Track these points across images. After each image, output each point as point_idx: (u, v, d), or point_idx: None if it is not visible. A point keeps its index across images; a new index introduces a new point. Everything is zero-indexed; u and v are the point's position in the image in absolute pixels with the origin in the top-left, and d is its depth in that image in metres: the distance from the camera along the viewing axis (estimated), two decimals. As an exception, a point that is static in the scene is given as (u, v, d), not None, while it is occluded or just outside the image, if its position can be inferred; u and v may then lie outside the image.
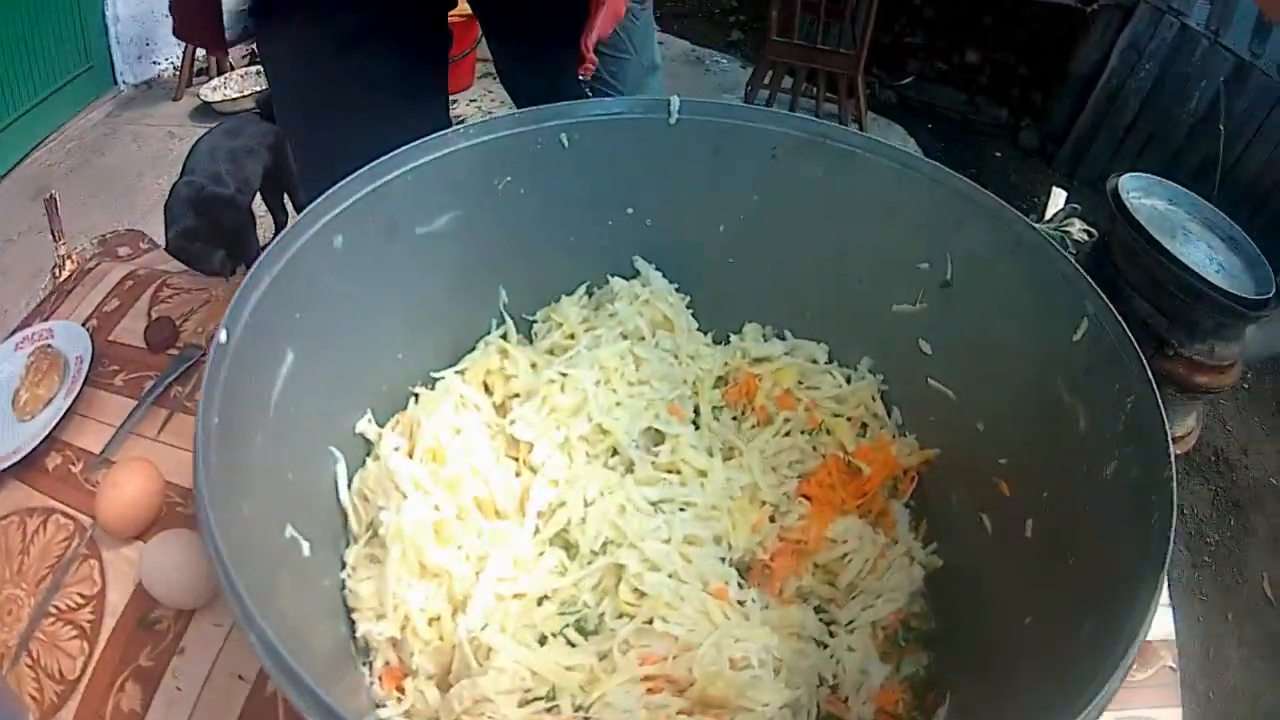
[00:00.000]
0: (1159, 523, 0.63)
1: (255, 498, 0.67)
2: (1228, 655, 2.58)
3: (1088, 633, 0.63)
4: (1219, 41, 3.75)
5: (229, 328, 0.67)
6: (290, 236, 0.74)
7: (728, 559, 0.88)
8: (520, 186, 0.92)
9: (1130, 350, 0.73)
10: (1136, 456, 0.69)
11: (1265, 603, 2.76)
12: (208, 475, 0.59)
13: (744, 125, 0.94)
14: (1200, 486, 3.05)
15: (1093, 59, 4.11)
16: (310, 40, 1.14)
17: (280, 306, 0.73)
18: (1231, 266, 2.23)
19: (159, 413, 1.12)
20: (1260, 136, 3.85)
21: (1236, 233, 2.30)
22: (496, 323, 1.01)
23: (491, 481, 0.86)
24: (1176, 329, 2.19)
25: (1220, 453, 3.20)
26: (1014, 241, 0.84)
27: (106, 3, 4.04)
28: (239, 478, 0.65)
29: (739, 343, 1.05)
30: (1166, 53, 3.86)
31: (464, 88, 4.36)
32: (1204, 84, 3.83)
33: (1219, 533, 2.93)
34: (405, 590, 0.77)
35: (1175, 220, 2.31)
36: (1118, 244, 2.29)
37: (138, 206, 3.42)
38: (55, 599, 0.94)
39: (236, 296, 0.69)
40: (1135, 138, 4.12)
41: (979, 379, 0.91)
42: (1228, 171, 3.63)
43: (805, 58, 3.73)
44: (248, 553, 0.61)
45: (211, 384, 0.64)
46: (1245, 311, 2.11)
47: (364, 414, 0.88)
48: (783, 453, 0.97)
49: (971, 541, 0.87)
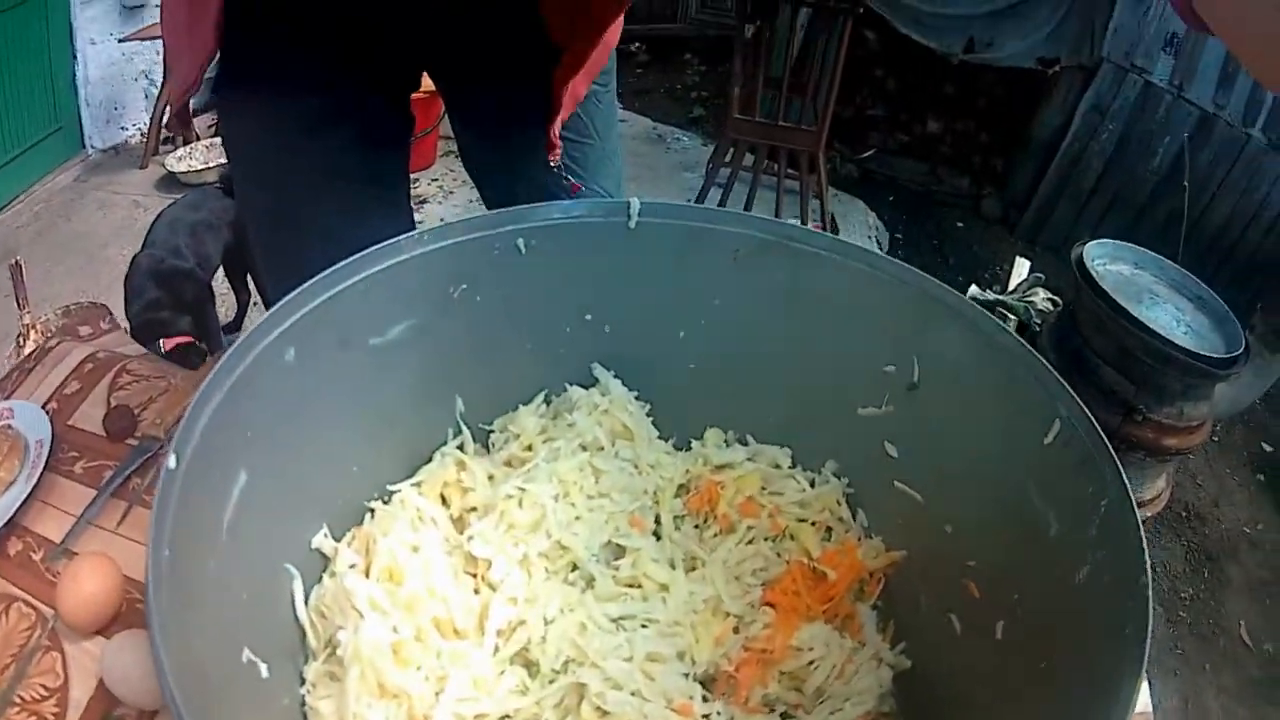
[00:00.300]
0: (1134, 631, 0.62)
1: (210, 628, 0.65)
2: (1207, 705, 2.60)
3: None
4: (1183, 96, 3.82)
5: (178, 452, 0.65)
6: (240, 352, 0.72)
7: (691, 674, 0.86)
8: (476, 294, 0.91)
9: (1104, 452, 0.72)
10: (1110, 562, 0.68)
11: (1243, 649, 2.79)
12: (159, 613, 0.56)
13: (705, 227, 0.93)
14: (1172, 543, 3.08)
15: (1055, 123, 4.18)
16: (271, 120, 1.12)
17: (232, 425, 0.71)
18: (1200, 326, 2.24)
19: (118, 504, 1.10)
20: (1224, 188, 3.92)
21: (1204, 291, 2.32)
22: (453, 433, 0.99)
23: (450, 600, 0.83)
24: (1144, 394, 2.20)
25: (1191, 507, 3.23)
26: (984, 343, 0.84)
27: (77, 63, 4.04)
28: (192, 610, 0.63)
29: (700, 449, 1.04)
30: (1130, 111, 3.93)
31: (425, 166, 4.39)
32: (1168, 140, 3.90)
33: (1193, 587, 2.95)
34: (365, 710, 0.75)
35: (1141, 284, 2.33)
36: (1084, 313, 2.30)
37: (102, 277, 3.40)
38: (19, 689, 0.92)
39: (186, 418, 0.67)
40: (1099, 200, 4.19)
41: (947, 481, 0.90)
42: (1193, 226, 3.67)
43: (767, 135, 3.75)
44: (204, 689, 0.59)
45: (161, 512, 0.62)
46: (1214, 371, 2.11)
47: (320, 528, 0.86)
48: (746, 561, 0.95)
49: (940, 642, 0.86)
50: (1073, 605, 0.71)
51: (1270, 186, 3.86)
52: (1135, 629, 0.62)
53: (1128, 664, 0.60)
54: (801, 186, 3.82)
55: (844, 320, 0.93)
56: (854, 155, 4.83)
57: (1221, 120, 3.80)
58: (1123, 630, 0.63)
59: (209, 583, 0.67)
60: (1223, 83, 3.80)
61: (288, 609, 0.81)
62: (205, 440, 0.67)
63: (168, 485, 0.63)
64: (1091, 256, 2.31)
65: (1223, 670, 2.70)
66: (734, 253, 0.93)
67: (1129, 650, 0.61)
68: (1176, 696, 2.59)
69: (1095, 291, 2.20)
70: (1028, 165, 4.40)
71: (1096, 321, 2.23)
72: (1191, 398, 2.22)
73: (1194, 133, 3.82)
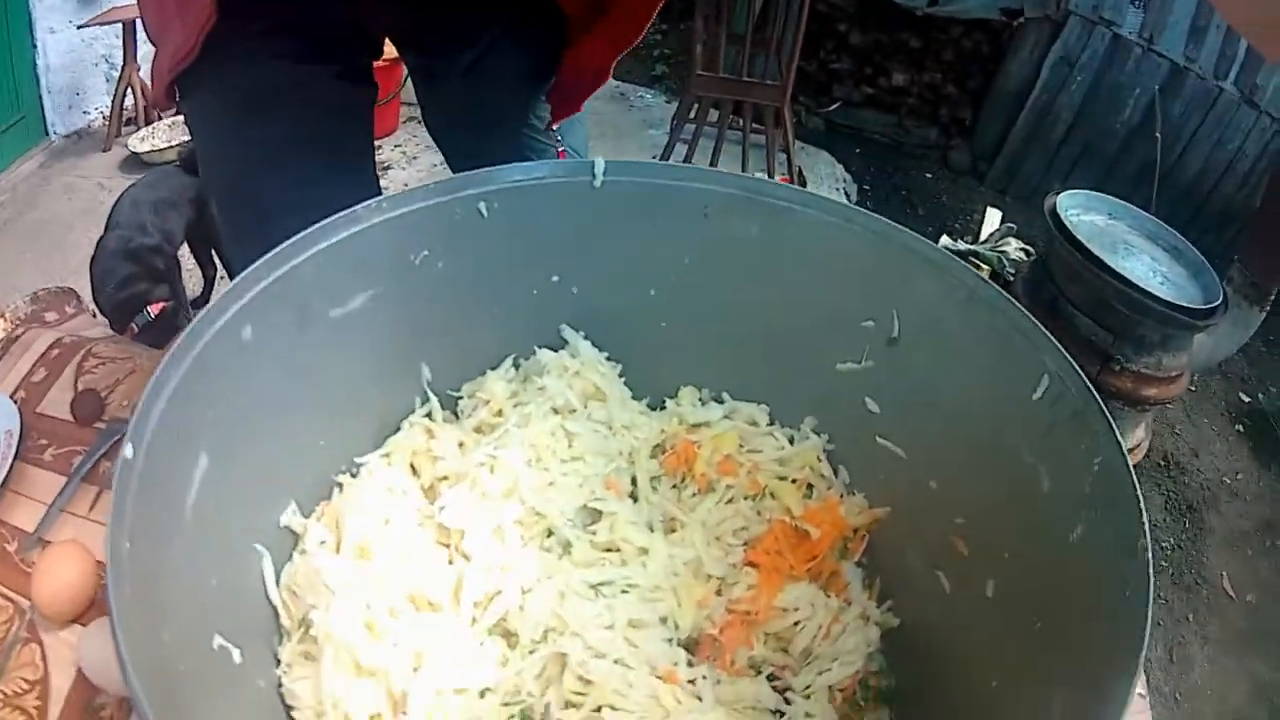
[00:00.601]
0: (1134, 597, 0.60)
1: (177, 617, 0.63)
2: (1192, 655, 2.63)
3: (1060, 711, 0.61)
4: (1152, 48, 3.82)
5: (134, 441, 0.62)
6: (194, 334, 0.70)
7: (674, 639, 0.85)
8: (439, 260, 0.88)
9: (1095, 409, 0.71)
10: (1106, 521, 0.67)
11: (1226, 599, 2.82)
12: (121, 610, 0.54)
13: (672, 184, 0.91)
14: (1152, 492, 3.10)
15: (1023, 75, 4.19)
16: (234, 93, 1.10)
17: (189, 409, 0.68)
18: (1176, 277, 2.25)
19: (89, 490, 1.09)
20: (1196, 141, 3.94)
21: (1180, 242, 2.33)
22: (421, 401, 0.96)
23: (423, 573, 0.82)
24: (1122, 344, 2.21)
25: (1170, 457, 3.26)
26: (965, 296, 0.82)
27: (37, 52, 4.01)
28: (158, 601, 0.61)
29: (675, 408, 1.02)
30: (1099, 64, 3.93)
31: (389, 132, 4.37)
32: (1137, 92, 3.91)
33: (1174, 536, 2.98)
34: (342, 690, 0.73)
35: (1116, 235, 2.33)
36: (1058, 263, 2.30)
37: (70, 261, 3.38)
38: (1, 683, 0.91)
39: (141, 405, 0.64)
40: (1069, 151, 4.20)
41: (931, 437, 0.89)
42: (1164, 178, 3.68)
43: (731, 90, 3.73)
44: (172, 680, 0.58)
45: (120, 504, 0.59)
46: (1193, 322, 2.12)
47: (288, 505, 0.84)
48: (726, 521, 0.94)
49: (929, 599, 0.85)
50: (1067, 565, 0.70)
51: (1243, 140, 3.87)
52: (1135, 594, 0.60)
53: (1129, 629, 0.59)
54: (767, 141, 3.81)
55: (819, 274, 0.92)
56: (819, 109, 4.82)
57: (1192, 73, 3.80)
58: (1123, 593, 0.62)
59: (174, 570, 0.65)
60: (1193, 36, 3.80)
61: (259, 590, 0.80)
62: (163, 426, 0.65)
63: (125, 475, 0.61)
64: (1065, 207, 2.31)
65: (1207, 621, 2.73)
66: (703, 209, 0.92)
67: (1131, 623, 0.59)
68: (1161, 646, 2.62)
69: (1070, 242, 2.20)
70: (996, 117, 4.40)
71: (1071, 272, 2.23)
72: (1170, 348, 2.24)
73: (1165, 85, 3.82)
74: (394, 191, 0.84)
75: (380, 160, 4.13)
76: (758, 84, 3.66)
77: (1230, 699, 2.53)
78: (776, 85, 3.62)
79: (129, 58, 4.01)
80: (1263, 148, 3.83)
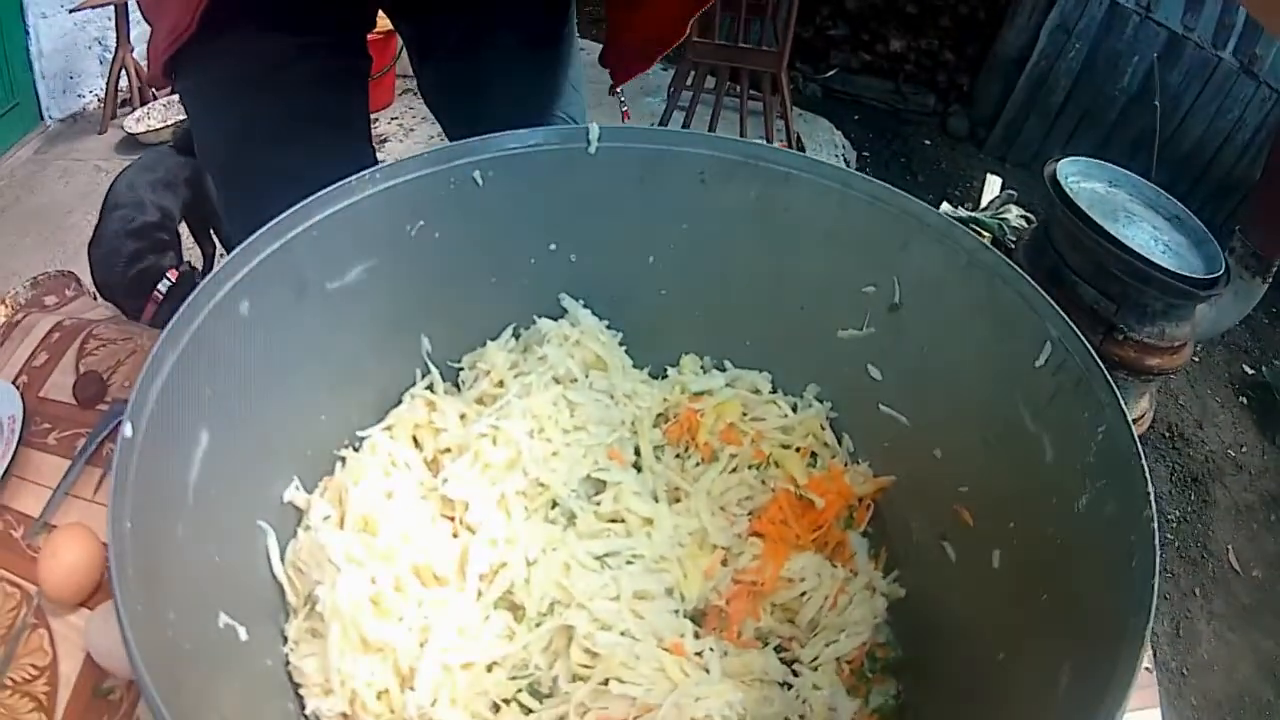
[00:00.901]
0: (1140, 567, 0.60)
1: (182, 596, 0.63)
2: (1198, 630, 2.61)
3: (1066, 683, 0.61)
4: (1150, 17, 3.81)
5: (133, 420, 0.62)
6: (191, 310, 0.69)
7: (681, 610, 0.85)
8: (435, 230, 0.88)
9: (1099, 378, 0.71)
10: (1111, 491, 0.67)
11: (1232, 573, 2.80)
12: (125, 590, 0.55)
13: (669, 150, 0.91)
14: (1156, 464, 3.08)
15: (1020, 41, 4.17)
16: (230, 69, 1.10)
17: (188, 387, 0.69)
18: (1178, 246, 2.24)
19: (93, 472, 1.10)
20: (1196, 110, 3.93)
21: (1180, 210, 2.32)
22: (421, 373, 0.96)
23: (428, 547, 0.82)
24: (1125, 313, 2.20)
25: (1175, 428, 3.25)
26: (965, 261, 0.82)
27: (30, 39, 3.98)
28: (161, 581, 0.61)
29: (677, 377, 1.02)
30: (1096, 31, 3.92)
31: (385, 105, 4.34)
32: (1136, 60, 3.90)
33: (1179, 509, 2.96)
34: (349, 665, 0.74)
35: (1117, 202, 2.32)
36: (1059, 230, 2.30)
37: (68, 244, 3.39)
38: (10, 670, 0.92)
39: (139, 384, 0.64)
40: (1067, 118, 4.19)
41: (934, 405, 0.89)
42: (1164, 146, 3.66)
43: (727, 57, 3.70)
44: (178, 660, 0.58)
45: (120, 484, 0.60)
46: (1195, 291, 2.12)
47: (291, 481, 0.84)
48: (730, 490, 0.94)
49: (935, 569, 0.85)
50: (1072, 535, 0.70)
51: (1243, 110, 3.85)
52: (1141, 564, 0.60)
53: (1137, 608, 0.59)
54: (765, 108, 3.79)
55: (819, 240, 0.91)
56: (817, 75, 4.80)
57: (1190, 42, 3.78)
58: (1129, 564, 0.62)
59: (178, 549, 0.66)
60: (1190, 5, 3.78)
61: (264, 567, 0.80)
62: (162, 405, 0.65)
63: (125, 455, 0.61)
64: (1065, 173, 2.30)
65: (1213, 595, 2.72)
66: (700, 174, 0.91)
67: (1137, 593, 0.60)
68: (1167, 620, 2.61)
69: (1071, 209, 2.20)
70: (994, 83, 4.39)
71: (1072, 239, 2.22)
72: (1173, 318, 2.23)
73: (1163, 53, 3.81)
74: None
75: (377, 134, 4.10)
76: (754, 50, 3.63)
77: (1237, 674, 2.52)
78: (773, 51, 3.60)
79: (122, 39, 3.98)
80: (1263, 118, 3.80)
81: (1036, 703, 0.64)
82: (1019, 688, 0.69)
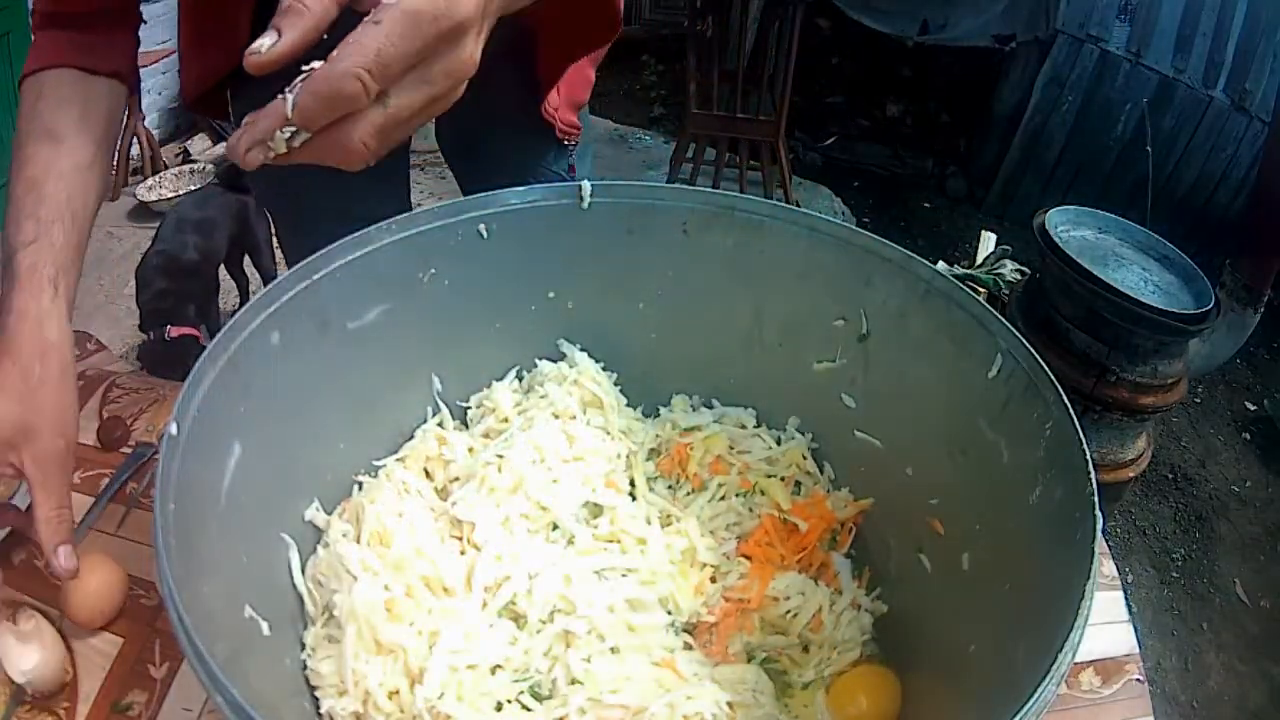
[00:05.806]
0: (1082, 537, 0.66)
1: (214, 578, 0.69)
2: (1208, 663, 2.61)
3: (1023, 652, 0.65)
4: (1141, 62, 3.81)
5: (179, 421, 0.69)
6: (230, 334, 0.76)
7: (673, 624, 0.90)
8: (444, 278, 0.95)
9: (1044, 379, 0.77)
10: (1059, 479, 0.73)
11: (1240, 606, 2.80)
12: (168, 555, 0.61)
13: (654, 204, 0.98)
14: (1160, 505, 3.08)
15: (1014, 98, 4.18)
16: None
17: (225, 401, 0.75)
18: (1168, 285, 2.27)
19: (116, 509, 1.14)
20: (1190, 151, 3.91)
21: (1170, 250, 2.34)
22: (432, 410, 1.03)
23: (437, 561, 0.87)
24: (1117, 355, 2.23)
25: (1177, 468, 3.24)
26: (923, 290, 0.88)
27: (42, 108, 4.02)
28: (197, 560, 0.67)
29: (668, 414, 1.08)
30: (1088, 81, 3.93)
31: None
32: (1129, 107, 3.90)
33: (1184, 547, 2.96)
34: (363, 666, 0.79)
35: (1106, 247, 2.36)
36: (1050, 279, 2.33)
37: (83, 307, 3.37)
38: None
39: (184, 389, 0.71)
40: (1064, 171, 4.18)
41: (903, 426, 0.95)
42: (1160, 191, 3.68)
43: (726, 128, 3.76)
44: (210, 627, 0.63)
45: (166, 473, 0.66)
46: (1185, 327, 2.14)
47: (312, 502, 0.90)
48: (719, 516, 0.99)
49: (913, 582, 0.91)
50: (1027, 526, 0.76)
51: (1236, 146, 3.88)
52: (1083, 536, 0.66)
53: (1077, 567, 0.64)
54: (764, 177, 3.84)
55: (792, 280, 0.98)
56: (815, 143, 4.85)
57: (1181, 84, 3.81)
58: (1073, 538, 0.67)
59: (210, 540, 0.72)
60: (1180, 46, 3.82)
61: (285, 576, 0.86)
62: (202, 411, 0.72)
63: (170, 450, 0.68)
64: (1054, 223, 2.34)
65: (1221, 629, 2.72)
66: (682, 225, 0.98)
67: (1077, 558, 0.65)
68: (1175, 656, 2.61)
69: (1059, 257, 2.24)
70: (990, 142, 4.41)
71: (1063, 286, 2.25)
72: (1165, 355, 2.25)
73: (1154, 98, 3.84)
74: (426, 201, 0.90)
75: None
76: (753, 120, 3.69)
77: (1248, 703, 2.52)
78: (771, 120, 3.66)
79: (133, 108, 4.04)
80: (1255, 154, 3.81)
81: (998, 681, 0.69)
82: (984, 669, 0.74)
